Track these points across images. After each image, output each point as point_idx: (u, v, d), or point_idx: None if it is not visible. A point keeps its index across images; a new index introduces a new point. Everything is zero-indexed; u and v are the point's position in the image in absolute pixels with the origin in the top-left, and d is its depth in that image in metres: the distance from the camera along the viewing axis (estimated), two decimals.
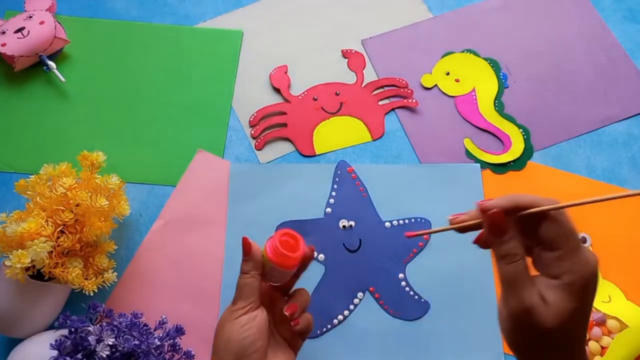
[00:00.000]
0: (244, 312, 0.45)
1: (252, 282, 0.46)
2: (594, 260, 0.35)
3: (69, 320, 0.51)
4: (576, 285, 0.34)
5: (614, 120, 0.72)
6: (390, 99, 0.73)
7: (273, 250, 0.46)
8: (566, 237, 0.35)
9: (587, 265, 0.34)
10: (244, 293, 0.46)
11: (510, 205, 0.37)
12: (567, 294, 0.34)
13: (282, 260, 0.46)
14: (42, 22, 0.72)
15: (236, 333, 0.44)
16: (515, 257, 0.36)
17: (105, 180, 0.58)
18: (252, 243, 0.47)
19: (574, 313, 0.34)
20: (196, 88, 0.73)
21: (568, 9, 0.80)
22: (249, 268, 0.47)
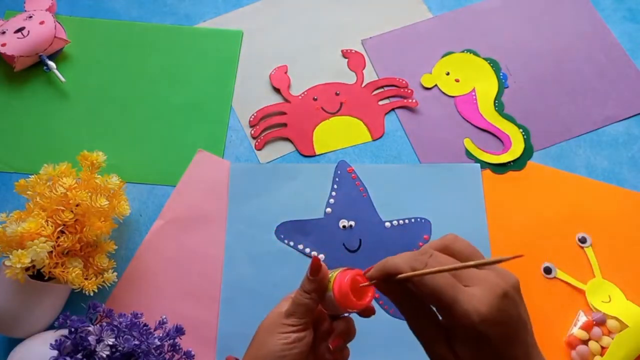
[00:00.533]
0: (294, 330, 0.43)
1: (310, 304, 0.43)
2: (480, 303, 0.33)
3: (69, 320, 0.50)
4: (468, 337, 0.33)
5: (614, 120, 0.72)
6: (390, 99, 0.73)
7: (340, 289, 0.42)
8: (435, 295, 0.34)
9: (469, 315, 0.32)
10: (299, 312, 0.43)
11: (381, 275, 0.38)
12: (464, 345, 0.34)
13: (345, 301, 0.43)
14: (42, 22, 0.72)
15: (279, 348, 0.42)
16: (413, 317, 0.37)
17: (105, 180, 0.58)
18: (323, 266, 0.43)
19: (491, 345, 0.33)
20: (196, 88, 0.73)
21: (568, 9, 0.80)
22: (311, 289, 0.43)
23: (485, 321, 0.32)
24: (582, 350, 0.58)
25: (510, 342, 0.34)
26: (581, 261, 0.63)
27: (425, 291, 0.34)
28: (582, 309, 0.61)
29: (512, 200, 0.66)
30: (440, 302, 0.34)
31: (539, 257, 0.63)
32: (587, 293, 0.61)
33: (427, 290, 0.34)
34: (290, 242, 0.64)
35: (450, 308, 0.33)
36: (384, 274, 0.37)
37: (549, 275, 0.62)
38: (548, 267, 0.62)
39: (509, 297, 0.34)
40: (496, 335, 0.33)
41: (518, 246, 0.64)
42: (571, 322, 0.60)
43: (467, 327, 0.33)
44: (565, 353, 0.59)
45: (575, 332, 0.59)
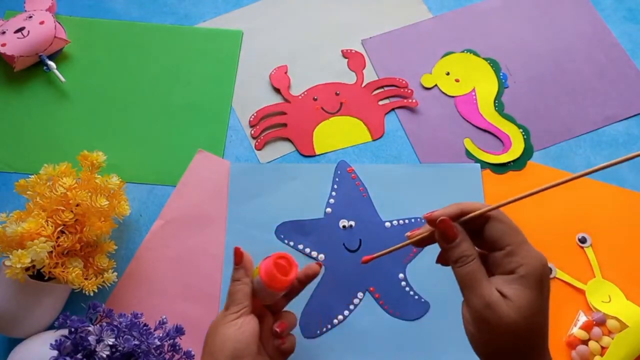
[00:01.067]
0: (237, 316, 0.46)
1: (244, 289, 0.48)
2: (542, 255, 0.36)
3: (69, 320, 0.50)
4: (531, 277, 0.35)
5: (614, 120, 0.72)
6: (390, 99, 0.73)
7: (266, 270, 0.48)
8: (512, 233, 0.37)
9: (538, 258, 0.36)
10: (237, 299, 0.47)
11: (455, 212, 0.39)
12: (524, 286, 0.35)
13: (272, 282, 0.47)
14: (42, 22, 0.72)
15: (232, 335, 0.45)
16: (469, 258, 0.37)
17: (105, 180, 0.58)
18: (244, 253, 0.50)
19: (534, 305, 0.35)
20: (196, 88, 0.73)
21: (568, 9, 0.80)
22: (240, 276, 0.49)
23: (545, 268, 0.36)
24: (582, 350, 0.58)
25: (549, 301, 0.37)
26: (581, 261, 0.63)
27: (500, 227, 0.37)
28: (582, 309, 0.61)
29: None
30: (513, 238, 0.36)
31: None
32: (587, 293, 0.61)
33: (505, 226, 0.37)
34: (290, 242, 0.64)
35: (520, 246, 0.36)
36: (458, 211, 0.39)
37: (549, 275, 0.62)
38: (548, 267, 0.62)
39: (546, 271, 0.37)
40: (548, 288, 0.36)
41: None
42: (571, 322, 0.60)
43: (534, 269, 0.35)
44: (565, 353, 0.59)
45: (575, 332, 0.59)
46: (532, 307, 0.35)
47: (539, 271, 0.35)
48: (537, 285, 0.35)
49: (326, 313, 0.60)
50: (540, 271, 0.35)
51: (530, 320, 0.35)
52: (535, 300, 0.35)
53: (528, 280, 0.35)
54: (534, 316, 0.35)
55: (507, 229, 0.37)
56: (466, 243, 0.38)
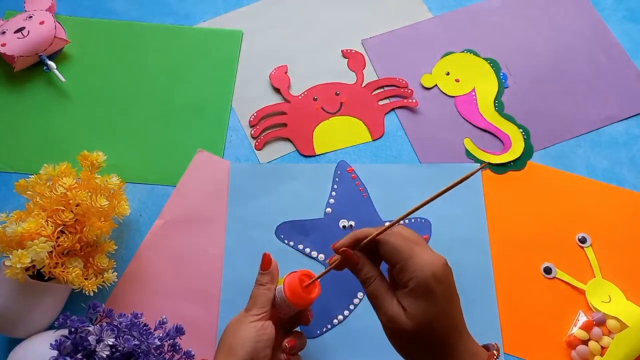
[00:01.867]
0: (258, 318, 0.48)
1: (267, 294, 0.50)
2: (432, 262, 0.40)
3: (69, 320, 0.50)
4: (420, 288, 0.39)
5: (614, 120, 0.72)
6: (390, 99, 0.73)
7: (290, 285, 0.49)
8: (397, 251, 0.41)
9: (425, 268, 0.39)
10: (259, 302, 0.49)
11: (351, 240, 0.44)
12: (415, 298, 0.39)
13: (295, 297, 0.49)
14: (42, 22, 0.72)
15: (253, 335, 0.47)
16: (370, 280, 0.43)
17: (105, 180, 0.58)
18: (273, 260, 0.52)
19: (428, 313, 0.39)
20: (196, 88, 0.73)
21: (568, 9, 0.80)
22: (265, 281, 0.51)
23: (434, 276, 0.39)
24: (582, 350, 0.58)
25: (450, 301, 0.40)
26: (581, 261, 0.63)
27: (387, 249, 0.41)
28: (582, 309, 0.61)
29: (512, 200, 0.66)
30: (400, 257, 0.40)
31: (539, 257, 0.63)
32: (587, 293, 0.61)
33: (390, 247, 0.41)
34: (290, 242, 0.64)
35: (407, 262, 0.40)
36: (354, 239, 0.44)
37: (549, 275, 0.62)
38: (548, 267, 0.63)
39: (448, 267, 0.41)
40: (441, 292, 0.39)
41: (518, 246, 0.64)
42: (571, 322, 0.60)
43: (420, 280, 0.39)
44: (565, 353, 0.59)
45: (575, 332, 0.59)
46: (427, 315, 0.39)
47: (426, 280, 0.39)
48: (426, 294, 0.39)
49: (326, 313, 0.60)
50: (427, 280, 0.39)
51: (428, 325, 0.39)
52: (426, 307, 0.39)
53: (417, 292, 0.39)
54: (432, 321, 0.39)
55: (393, 249, 0.41)
56: (367, 267, 0.43)
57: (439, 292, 0.39)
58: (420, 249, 0.41)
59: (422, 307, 0.39)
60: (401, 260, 0.40)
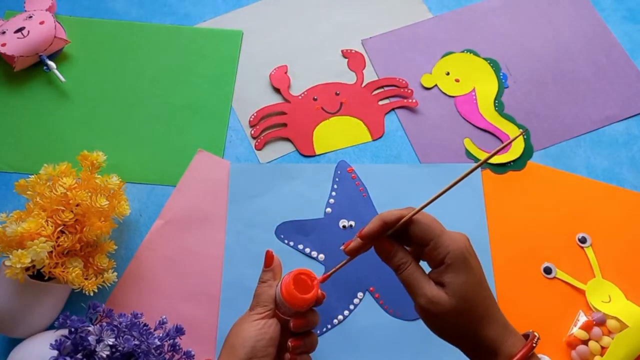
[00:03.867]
0: (260, 317, 0.48)
1: (269, 291, 0.49)
2: (461, 236, 0.41)
3: (69, 320, 0.50)
4: (458, 261, 0.40)
5: (614, 120, 0.72)
6: (390, 99, 0.73)
7: (285, 286, 0.48)
8: (430, 228, 0.41)
9: (458, 242, 0.40)
10: (262, 300, 0.49)
11: (380, 225, 0.43)
12: (454, 272, 0.40)
13: (292, 299, 0.48)
14: (42, 22, 0.72)
15: (254, 333, 0.46)
16: (405, 265, 0.43)
17: (105, 180, 0.58)
18: (275, 257, 0.51)
19: (468, 284, 0.40)
20: (196, 88, 0.73)
21: (568, 9, 0.80)
22: (267, 278, 0.50)
23: (467, 249, 0.41)
24: (582, 350, 0.58)
25: (482, 270, 0.41)
26: (581, 261, 0.63)
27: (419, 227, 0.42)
28: (582, 309, 0.61)
29: (512, 200, 0.66)
30: (432, 233, 0.41)
31: (539, 257, 0.63)
32: (587, 293, 0.61)
33: (421, 225, 0.41)
34: (290, 242, 0.64)
35: (440, 237, 0.40)
36: (382, 222, 0.43)
37: (549, 275, 0.62)
38: (548, 267, 0.63)
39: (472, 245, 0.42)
40: (475, 263, 0.41)
41: (518, 246, 0.64)
42: (571, 322, 0.60)
43: (458, 253, 0.40)
44: (566, 353, 0.59)
45: (575, 332, 0.59)
46: (467, 287, 0.40)
47: (462, 252, 0.40)
48: (464, 265, 0.40)
49: (326, 313, 0.60)
50: (462, 252, 0.40)
51: (469, 298, 0.40)
52: (467, 279, 0.40)
53: (456, 266, 0.40)
54: (471, 294, 0.40)
55: (425, 227, 0.41)
56: (400, 252, 0.43)
57: (474, 263, 0.41)
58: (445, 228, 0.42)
59: (463, 280, 0.40)
60: (434, 237, 0.41)
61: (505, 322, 0.41)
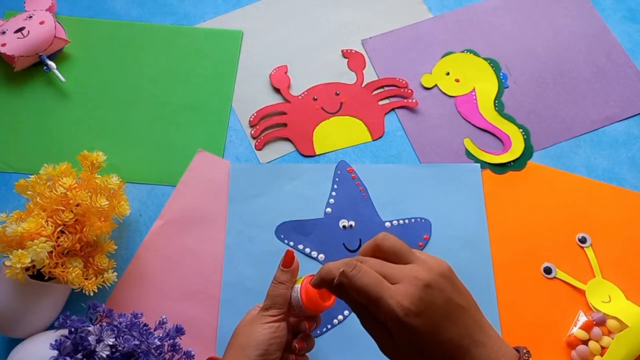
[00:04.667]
0: (274, 320, 0.47)
1: (286, 294, 0.48)
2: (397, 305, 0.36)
3: (69, 320, 0.50)
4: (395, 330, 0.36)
5: (614, 120, 0.72)
6: (390, 99, 0.73)
7: (307, 293, 0.47)
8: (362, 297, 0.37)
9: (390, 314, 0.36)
10: (277, 302, 0.47)
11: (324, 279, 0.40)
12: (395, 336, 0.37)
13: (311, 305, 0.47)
14: (42, 22, 0.72)
15: (267, 337, 0.46)
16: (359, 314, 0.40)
17: (105, 180, 0.58)
18: (295, 258, 0.49)
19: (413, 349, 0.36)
20: (196, 88, 0.73)
21: (568, 9, 0.80)
22: (286, 279, 0.48)
23: (408, 314, 0.35)
24: (582, 350, 0.58)
25: (439, 329, 0.36)
26: (581, 261, 0.63)
27: (354, 292, 0.37)
28: (582, 309, 0.61)
29: (512, 200, 0.66)
30: (368, 300, 0.36)
31: (539, 257, 0.63)
32: (587, 293, 0.61)
33: (355, 290, 0.37)
34: (290, 242, 0.64)
35: (376, 304, 0.36)
36: (320, 280, 0.40)
37: (549, 275, 0.62)
38: (548, 267, 0.62)
39: (433, 286, 0.36)
40: (422, 325, 0.35)
41: (518, 246, 0.64)
42: (571, 322, 0.60)
43: (395, 321, 0.35)
44: (566, 353, 0.59)
45: (575, 332, 0.59)
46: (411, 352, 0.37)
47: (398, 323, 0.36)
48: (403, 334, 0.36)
49: (326, 313, 0.60)
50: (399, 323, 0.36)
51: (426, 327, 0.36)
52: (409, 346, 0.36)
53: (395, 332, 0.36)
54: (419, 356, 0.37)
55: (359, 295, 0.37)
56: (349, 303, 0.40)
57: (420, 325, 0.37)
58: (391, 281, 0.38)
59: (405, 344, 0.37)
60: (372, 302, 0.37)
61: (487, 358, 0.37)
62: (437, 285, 0.37)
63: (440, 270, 0.38)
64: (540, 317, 0.60)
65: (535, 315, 0.60)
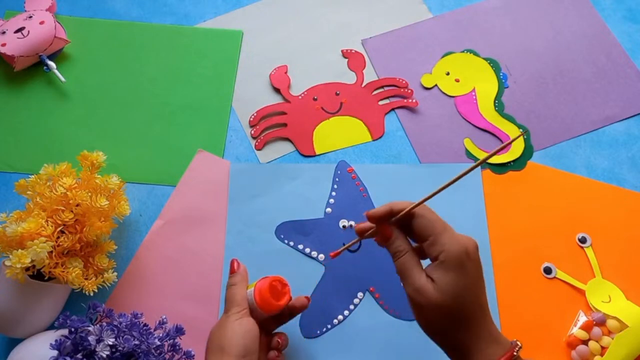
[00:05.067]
0: (240, 316, 0.49)
1: (241, 292, 0.51)
2: (465, 240, 0.41)
3: (69, 320, 0.50)
4: (451, 261, 0.40)
5: (614, 120, 0.72)
6: (390, 99, 0.73)
7: (260, 292, 0.50)
8: (432, 225, 0.42)
9: (458, 243, 0.40)
10: (236, 300, 0.50)
11: (386, 210, 0.44)
12: (445, 270, 0.40)
13: (265, 304, 0.50)
14: (42, 22, 0.72)
15: (241, 332, 0.48)
16: (402, 253, 0.43)
17: (105, 180, 0.58)
18: (240, 264, 0.54)
19: (456, 285, 0.40)
20: (196, 88, 0.73)
21: (568, 9, 0.80)
22: (237, 281, 0.52)
23: (467, 252, 0.40)
24: (582, 350, 0.58)
25: (479, 279, 0.41)
26: (581, 261, 0.63)
27: (422, 221, 0.42)
28: (582, 309, 0.61)
29: (512, 200, 0.66)
30: (434, 230, 0.41)
31: (539, 257, 0.63)
32: (587, 293, 0.61)
33: (425, 220, 0.42)
34: (290, 242, 0.64)
35: (440, 235, 0.41)
36: (389, 208, 0.44)
37: (549, 275, 0.62)
38: (548, 267, 0.63)
39: (477, 249, 0.42)
40: (472, 268, 0.41)
41: (518, 246, 0.64)
42: (571, 322, 0.60)
43: (452, 253, 0.40)
44: (566, 353, 0.59)
45: (575, 332, 0.59)
46: (454, 288, 0.40)
47: (458, 254, 0.40)
48: (457, 267, 0.40)
49: (326, 313, 0.60)
50: (458, 254, 0.40)
51: (455, 299, 0.40)
52: (457, 281, 0.40)
53: (448, 265, 0.40)
54: (457, 295, 0.40)
55: (427, 223, 0.42)
56: (399, 240, 0.44)
57: (470, 268, 0.40)
58: (451, 228, 0.42)
59: (451, 279, 0.40)
60: (434, 234, 0.41)
61: (491, 331, 0.41)
62: (478, 251, 0.42)
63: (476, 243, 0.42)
64: (540, 317, 0.60)
65: (535, 315, 0.60)
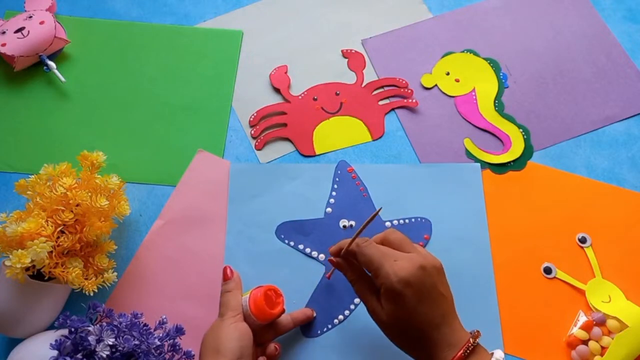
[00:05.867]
0: (235, 320, 0.51)
1: (236, 298, 0.53)
2: (400, 269, 0.45)
3: (69, 320, 0.50)
4: (388, 294, 0.46)
5: (614, 120, 0.72)
6: (390, 99, 0.73)
7: (255, 301, 0.52)
8: (369, 261, 0.48)
9: (393, 276, 0.45)
10: (231, 305, 0.52)
11: (337, 249, 0.52)
12: (385, 300, 0.46)
13: (259, 313, 0.52)
14: (42, 22, 0.72)
15: (236, 335, 0.49)
16: (353, 282, 0.51)
17: (105, 180, 0.58)
18: (234, 270, 0.56)
19: (395, 314, 0.46)
20: (196, 88, 0.73)
21: (568, 9, 0.80)
22: (231, 287, 0.54)
23: (400, 281, 0.45)
24: (582, 350, 0.58)
25: (421, 302, 0.45)
26: (581, 261, 0.63)
27: (362, 258, 0.48)
28: (582, 309, 0.61)
29: (512, 200, 0.66)
30: (371, 266, 0.47)
31: (539, 257, 0.63)
32: (587, 293, 0.61)
33: (363, 257, 0.48)
34: (291, 242, 0.64)
35: (377, 270, 0.46)
36: (337, 247, 0.52)
37: (549, 275, 0.62)
38: (548, 267, 0.63)
39: (426, 270, 0.46)
40: (410, 294, 0.45)
41: (518, 246, 0.64)
42: (571, 322, 0.60)
43: (388, 286, 0.45)
44: (566, 353, 0.59)
45: (575, 332, 0.59)
46: (397, 314, 0.46)
47: (392, 288, 0.45)
48: (395, 298, 0.45)
49: (326, 313, 0.60)
50: (393, 287, 0.45)
51: (399, 321, 0.46)
52: (396, 310, 0.46)
53: (387, 297, 0.46)
54: (402, 319, 0.46)
55: (365, 259, 0.48)
56: (348, 272, 0.52)
57: (409, 294, 0.45)
58: (392, 258, 0.47)
59: (392, 308, 0.46)
60: (373, 269, 0.47)
61: (449, 339, 0.45)
62: (428, 271, 0.46)
63: (434, 263, 0.47)
64: (540, 317, 0.60)
65: (535, 315, 0.60)
